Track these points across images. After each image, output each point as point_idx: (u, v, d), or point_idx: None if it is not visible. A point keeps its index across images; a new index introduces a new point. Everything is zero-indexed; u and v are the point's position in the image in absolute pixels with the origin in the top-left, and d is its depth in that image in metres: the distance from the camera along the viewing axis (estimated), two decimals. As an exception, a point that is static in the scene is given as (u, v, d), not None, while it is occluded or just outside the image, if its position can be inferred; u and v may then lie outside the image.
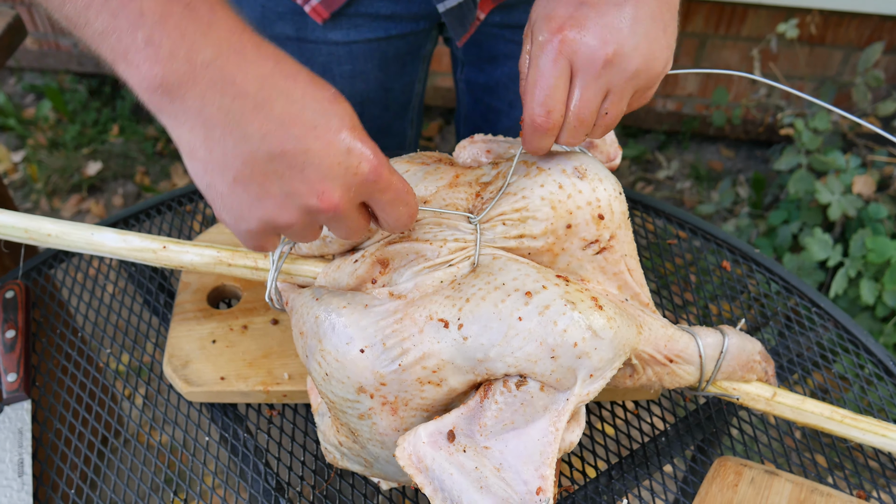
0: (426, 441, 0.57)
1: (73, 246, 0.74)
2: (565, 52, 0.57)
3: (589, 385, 0.58)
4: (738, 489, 0.72)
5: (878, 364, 0.84)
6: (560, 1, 0.58)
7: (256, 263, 0.73)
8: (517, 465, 0.57)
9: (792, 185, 1.86)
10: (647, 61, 0.58)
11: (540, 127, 0.60)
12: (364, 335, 0.59)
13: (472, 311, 0.59)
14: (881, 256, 1.63)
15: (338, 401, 0.62)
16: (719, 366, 0.69)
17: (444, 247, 0.64)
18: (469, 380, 0.60)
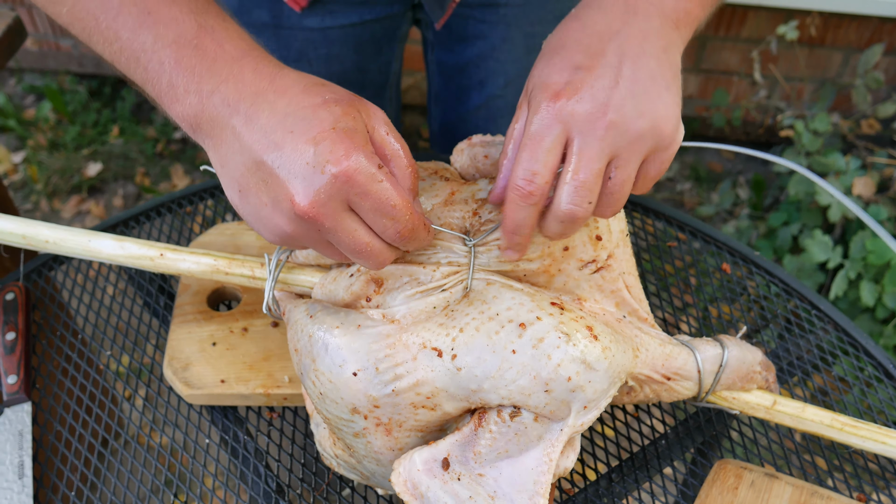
0: (421, 468, 0.58)
1: (71, 252, 0.74)
2: (561, 119, 0.55)
3: (583, 416, 0.59)
4: (739, 492, 0.72)
5: (878, 367, 0.84)
6: (555, 67, 0.57)
7: (253, 272, 0.73)
8: (511, 493, 0.58)
9: (792, 187, 1.86)
10: (652, 122, 0.55)
11: (521, 190, 0.56)
12: (356, 358, 0.59)
13: (465, 343, 0.59)
14: (881, 258, 1.63)
15: (333, 419, 0.62)
16: (718, 378, 0.70)
17: (438, 270, 0.63)
18: (463, 406, 0.60)
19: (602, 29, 0.57)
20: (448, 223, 0.65)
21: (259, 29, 1.00)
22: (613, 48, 0.56)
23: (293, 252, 0.73)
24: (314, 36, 0.99)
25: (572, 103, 0.54)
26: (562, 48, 0.58)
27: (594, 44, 0.57)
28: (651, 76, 0.56)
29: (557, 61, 0.57)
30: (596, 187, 0.57)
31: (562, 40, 0.59)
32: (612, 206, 0.59)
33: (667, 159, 0.58)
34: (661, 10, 0.58)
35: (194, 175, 2.45)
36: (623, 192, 0.58)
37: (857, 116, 1.92)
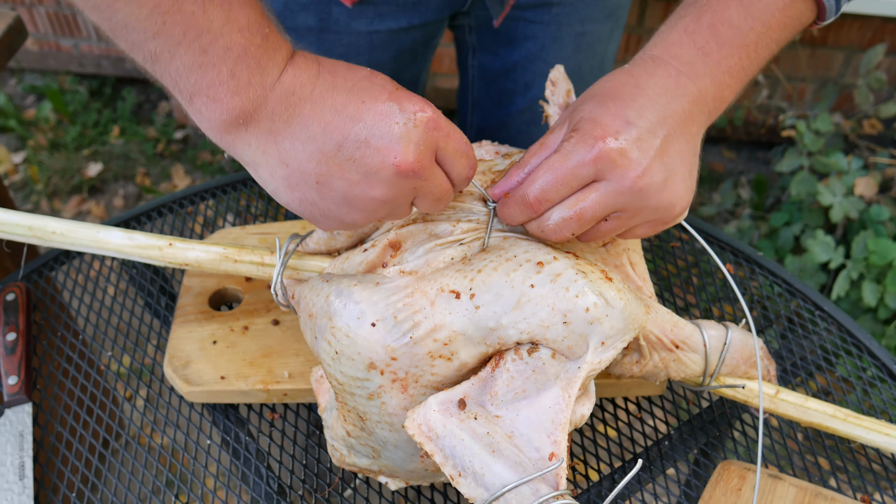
0: (436, 409, 0.57)
1: (78, 244, 0.74)
2: (600, 163, 0.56)
3: (601, 353, 0.58)
4: (742, 493, 0.71)
5: (881, 367, 0.84)
6: (608, 111, 0.58)
7: (262, 259, 0.74)
8: (529, 433, 0.57)
9: (794, 187, 1.86)
10: (670, 200, 0.59)
11: (531, 207, 0.59)
12: (375, 310, 0.59)
13: (483, 282, 0.59)
14: (883, 258, 1.63)
15: (347, 381, 0.61)
16: (723, 358, 0.69)
17: (457, 226, 0.64)
18: (480, 352, 0.59)
19: (653, 95, 0.59)
20: (468, 191, 0.67)
21: (302, 33, 0.99)
22: (660, 116, 0.58)
23: (304, 240, 0.73)
24: (359, 41, 0.99)
25: (616, 151, 0.56)
26: (617, 97, 0.59)
27: (645, 106, 0.59)
28: (682, 157, 0.59)
29: (611, 107, 0.58)
30: (588, 226, 0.60)
31: (616, 90, 0.60)
32: (586, 238, 0.63)
33: (660, 230, 0.62)
34: (702, 97, 0.61)
35: (195, 175, 2.45)
36: (603, 237, 0.62)
37: (859, 116, 1.91)
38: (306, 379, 0.78)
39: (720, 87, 0.63)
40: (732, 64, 0.62)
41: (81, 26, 2.53)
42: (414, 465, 0.66)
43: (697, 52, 0.62)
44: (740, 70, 0.63)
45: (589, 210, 0.58)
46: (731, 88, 0.64)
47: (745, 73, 0.64)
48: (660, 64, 0.62)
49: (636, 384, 0.79)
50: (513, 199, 0.61)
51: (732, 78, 0.63)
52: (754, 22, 0.62)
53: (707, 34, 0.62)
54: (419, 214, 0.66)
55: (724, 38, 0.62)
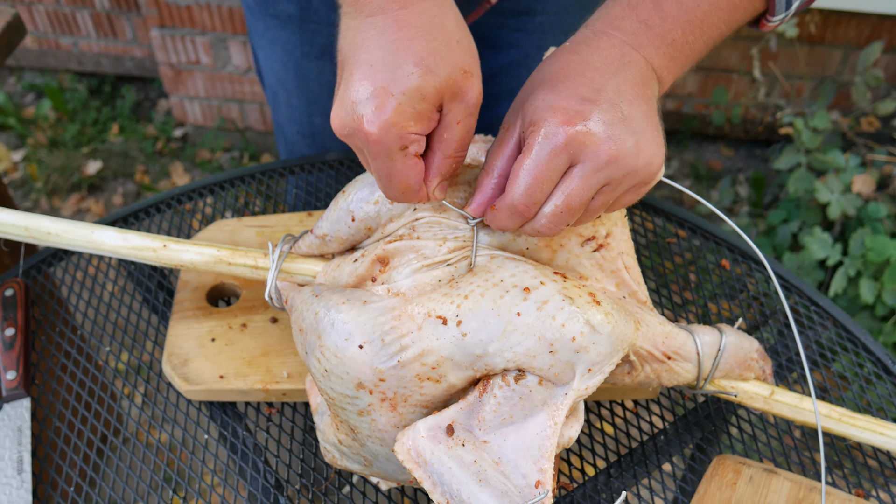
0: (425, 435, 0.57)
1: (73, 244, 0.75)
2: (571, 147, 0.56)
3: (587, 380, 0.58)
4: (737, 488, 0.72)
5: (876, 363, 0.84)
6: (561, 94, 0.58)
7: (256, 262, 0.74)
8: (516, 458, 0.57)
9: (791, 184, 1.86)
10: (646, 159, 0.59)
11: (522, 214, 0.59)
12: (363, 331, 0.59)
13: (470, 308, 0.59)
14: (880, 255, 1.63)
15: (337, 397, 0.62)
16: (717, 364, 0.70)
17: (444, 245, 0.64)
18: (468, 376, 0.60)
19: (601, 67, 0.60)
20: (452, 202, 0.66)
21: (284, 21, 0.99)
22: (613, 87, 0.58)
23: (296, 243, 0.73)
24: None
25: (583, 133, 0.56)
26: (565, 78, 0.59)
27: (596, 79, 0.59)
28: (645, 117, 0.59)
29: (563, 90, 0.58)
30: (579, 212, 0.59)
31: (563, 71, 0.60)
32: (581, 222, 0.62)
33: (644, 192, 0.63)
34: (648, 64, 0.62)
35: (194, 173, 2.45)
36: (597, 213, 0.62)
37: (856, 114, 1.92)
38: (305, 379, 0.78)
39: (665, 58, 0.63)
40: (676, 37, 0.63)
41: (80, 24, 2.53)
42: (405, 475, 0.67)
43: (640, 25, 0.62)
44: (685, 45, 0.64)
45: (576, 197, 0.58)
46: (677, 61, 0.64)
47: (692, 48, 0.64)
48: (602, 37, 0.62)
49: (630, 389, 0.79)
50: (500, 210, 0.59)
51: (677, 51, 0.63)
52: (701, 0, 0.63)
53: (650, 8, 0.62)
54: (406, 231, 0.66)
55: (667, 13, 0.62)
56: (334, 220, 0.69)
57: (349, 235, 0.69)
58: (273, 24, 1.01)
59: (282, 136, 1.20)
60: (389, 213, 0.66)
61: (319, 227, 0.71)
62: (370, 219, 0.67)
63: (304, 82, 1.06)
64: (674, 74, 0.64)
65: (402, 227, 0.66)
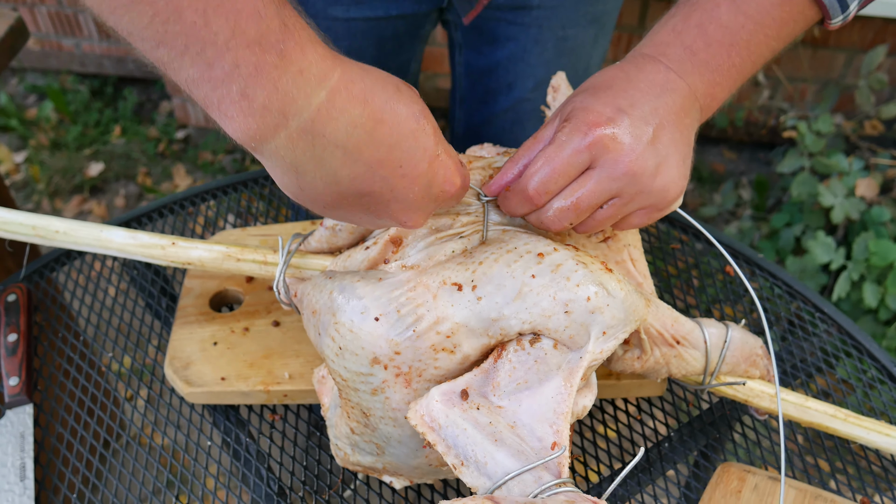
0: (439, 399, 0.57)
1: (82, 243, 0.75)
2: (594, 148, 0.57)
3: (602, 343, 0.58)
4: (742, 495, 0.71)
5: (881, 369, 0.84)
6: (600, 100, 0.59)
7: (265, 258, 0.74)
8: (531, 423, 0.57)
9: (795, 188, 1.86)
10: (663, 184, 0.60)
11: (531, 200, 0.60)
12: (378, 304, 0.59)
13: (485, 273, 0.59)
14: (884, 260, 1.63)
15: (350, 377, 0.61)
16: (724, 356, 0.69)
17: (457, 220, 0.65)
18: (483, 344, 0.59)
19: (643, 87, 0.61)
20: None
21: None
22: (650, 107, 0.59)
23: (306, 239, 0.73)
24: (337, 26, 0.99)
25: (609, 137, 0.57)
26: (609, 88, 0.61)
27: (636, 97, 0.60)
28: (674, 145, 0.60)
29: (603, 97, 0.60)
30: (585, 215, 0.61)
31: (608, 82, 0.62)
32: (583, 228, 0.63)
33: (656, 217, 0.63)
34: (692, 93, 0.62)
35: (196, 175, 2.45)
36: (603, 225, 0.62)
37: (860, 117, 1.91)
38: (307, 380, 0.78)
39: (710, 84, 0.63)
40: (721, 62, 0.63)
41: (83, 26, 2.53)
42: (418, 460, 0.66)
43: (685, 51, 0.63)
44: (731, 68, 0.64)
45: (586, 198, 0.59)
46: (723, 86, 0.64)
47: (738, 71, 0.64)
48: (649, 61, 0.63)
49: (636, 385, 0.79)
50: (513, 192, 0.61)
51: (722, 76, 0.64)
52: (746, 20, 0.62)
53: (695, 33, 0.63)
54: None
55: (711, 37, 0.63)
56: None
57: None
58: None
59: None
60: None
61: (329, 219, 0.71)
62: None
63: None
64: (720, 99, 0.64)
65: None
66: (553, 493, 0.52)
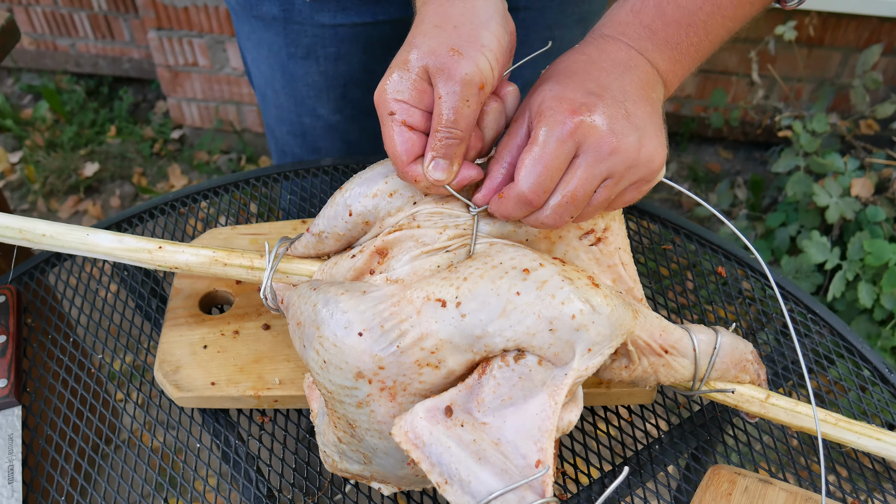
0: (423, 416, 0.56)
1: (68, 247, 0.74)
2: (577, 135, 0.58)
3: (587, 360, 0.58)
4: (732, 498, 0.71)
5: (873, 371, 0.84)
6: (569, 86, 0.60)
7: (252, 263, 0.74)
8: (515, 439, 0.56)
9: (790, 188, 1.86)
10: (648, 155, 0.60)
11: (530, 202, 0.60)
12: (362, 319, 0.59)
13: (469, 290, 0.59)
14: (879, 259, 1.63)
15: (335, 390, 0.61)
16: (713, 362, 0.69)
17: (444, 233, 0.64)
18: (467, 359, 0.59)
19: (607, 67, 0.62)
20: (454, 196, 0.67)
21: (268, 23, 0.99)
22: (618, 86, 0.60)
23: (293, 244, 0.73)
24: (324, 32, 0.99)
25: (587, 122, 0.57)
26: (574, 72, 0.62)
27: (602, 77, 0.61)
28: (648, 117, 0.61)
29: (570, 83, 0.60)
30: (584, 203, 0.60)
31: (571, 66, 0.63)
32: (584, 217, 0.63)
33: (645, 190, 0.64)
34: (654, 69, 0.64)
35: (192, 175, 2.45)
36: (599, 209, 0.62)
37: (855, 117, 1.91)
38: (297, 385, 0.78)
39: (671, 61, 0.65)
40: (680, 41, 0.65)
41: (78, 26, 2.52)
42: (404, 471, 0.66)
43: (644, 30, 0.64)
44: (690, 47, 0.65)
45: (580, 187, 0.59)
46: (682, 64, 0.66)
47: (697, 49, 0.66)
48: (609, 41, 0.64)
49: (626, 393, 0.79)
50: (508, 198, 0.60)
51: (682, 54, 0.65)
52: (703, 2, 0.64)
53: (653, 13, 0.64)
54: (406, 221, 0.66)
55: (670, 17, 0.64)
56: (331, 216, 0.69)
57: (346, 231, 0.69)
58: (258, 25, 1.02)
59: (272, 137, 1.19)
60: (388, 207, 0.66)
61: (316, 225, 0.71)
62: (368, 213, 0.67)
63: (291, 83, 1.06)
64: (680, 76, 0.66)
65: (401, 219, 0.66)
66: None
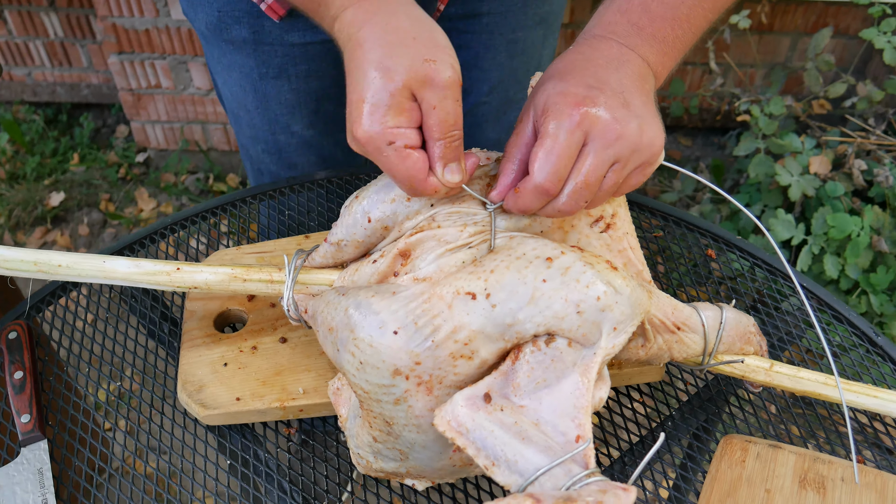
0: (463, 405, 0.59)
1: (85, 275, 0.75)
2: (584, 125, 0.62)
3: (613, 338, 0.62)
4: (746, 464, 0.75)
5: (861, 335, 0.88)
6: (570, 82, 0.64)
7: (272, 277, 0.75)
8: (553, 419, 0.60)
9: (752, 169, 1.92)
10: (649, 139, 0.64)
11: (547, 192, 0.63)
12: (395, 318, 0.62)
13: (497, 281, 0.62)
14: (842, 232, 1.70)
15: (372, 390, 0.63)
16: (720, 336, 0.73)
17: (465, 230, 0.67)
18: (499, 348, 0.62)
19: (603, 64, 0.66)
20: (469, 196, 0.70)
21: (238, 46, 1.01)
22: (615, 80, 0.65)
23: (310, 255, 0.75)
24: (295, 51, 1.01)
25: (592, 113, 0.62)
26: (573, 70, 0.66)
27: (599, 72, 0.65)
28: (645, 105, 0.65)
29: (571, 79, 0.64)
30: (596, 188, 0.64)
31: (569, 66, 0.67)
32: (596, 202, 0.67)
33: (649, 173, 0.68)
34: (645, 62, 0.69)
35: (160, 198, 2.43)
36: (609, 193, 0.66)
37: (808, 98, 1.99)
38: (321, 393, 0.80)
39: (659, 54, 0.70)
40: (666, 35, 0.70)
41: (34, 54, 2.49)
42: (442, 462, 0.68)
43: (632, 28, 0.69)
44: (675, 39, 0.70)
45: (592, 172, 0.63)
46: (670, 56, 0.71)
47: (681, 42, 0.71)
48: (601, 40, 0.69)
49: (637, 372, 0.83)
50: (525, 190, 0.64)
51: (669, 46, 0.70)
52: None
53: (639, 11, 0.70)
54: (426, 223, 0.69)
55: (655, 14, 0.69)
56: (350, 224, 0.71)
57: (365, 237, 0.71)
58: (228, 49, 1.03)
59: (247, 157, 1.21)
60: (406, 210, 0.69)
61: (334, 234, 0.73)
62: (387, 218, 0.70)
63: (264, 102, 1.08)
64: (668, 67, 0.71)
65: (421, 220, 0.69)
66: (584, 484, 0.55)
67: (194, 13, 1.02)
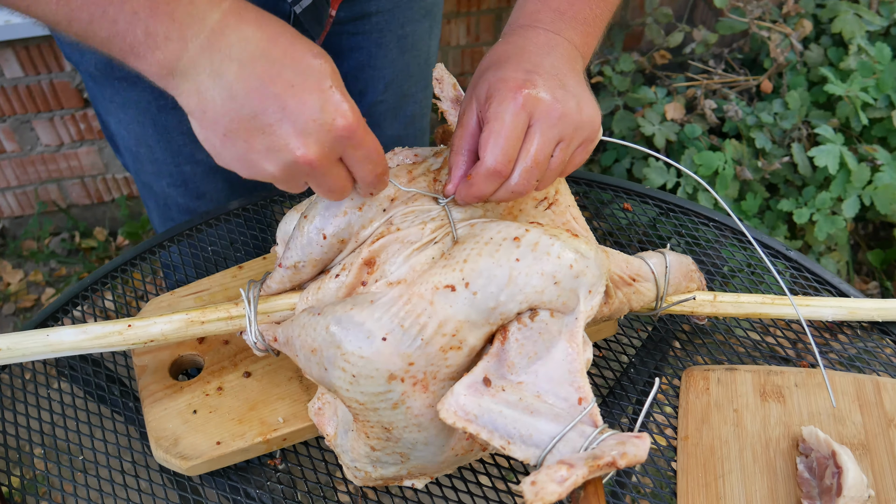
0: (465, 393, 0.61)
1: (30, 353, 0.72)
2: (528, 107, 0.64)
3: (590, 301, 0.66)
4: (710, 391, 0.82)
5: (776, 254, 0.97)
6: (508, 69, 0.67)
7: (230, 313, 0.74)
8: (553, 388, 0.63)
9: (615, 125, 2.04)
10: (588, 116, 0.68)
11: (500, 174, 0.65)
12: (381, 325, 0.63)
13: (473, 269, 0.64)
14: (709, 168, 1.84)
15: (368, 400, 0.64)
16: (668, 279, 0.79)
17: (426, 227, 0.69)
18: (485, 332, 0.64)
19: (534, 50, 0.70)
20: (418, 195, 0.72)
21: (133, 81, 0.98)
22: (548, 63, 0.69)
23: (265, 282, 0.74)
24: None
25: (533, 95, 0.65)
26: (508, 58, 0.69)
27: (533, 57, 0.69)
28: (579, 85, 0.69)
29: (508, 66, 0.67)
30: (545, 167, 0.67)
31: (503, 55, 0.70)
32: (545, 181, 0.70)
33: (590, 150, 0.72)
34: (571, 44, 0.73)
35: (27, 267, 2.28)
36: (558, 172, 0.69)
37: (652, 51, 2.13)
38: (301, 417, 0.79)
39: (583, 35, 0.74)
40: (587, 15, 0.74)
41: None
42: (445, 454, 0.70)
43: (554, 13, 0.73)
44: (595, 18, 0.75)
45: (540, 151, 0.66)
46: (593, 35, 0.76)
47: (601, 20, 0.76)
48: (528, 29, 0.73)
49: (594, 331, 0.87)
50: (478, 175, 0.66)
51: (590, 26, 0.75)
52: None
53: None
54: (384, 228, 0.70)
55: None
56: (304, 244, 0.71)
57: (322, 255, 0.71)
58: (122, 86, 1.00)
59: (151, 196, 1.16)
60: (361, 220, 0.70)
61: (289, 258, 0.72)
62: (342, 231, 0.70)
63: (165, 134, 1.05)
64: (592, 47, 0.75)
65: (378, 227, 0.69)
66: (600, 441, 0.58)
67: (80, 56, 0.97)
